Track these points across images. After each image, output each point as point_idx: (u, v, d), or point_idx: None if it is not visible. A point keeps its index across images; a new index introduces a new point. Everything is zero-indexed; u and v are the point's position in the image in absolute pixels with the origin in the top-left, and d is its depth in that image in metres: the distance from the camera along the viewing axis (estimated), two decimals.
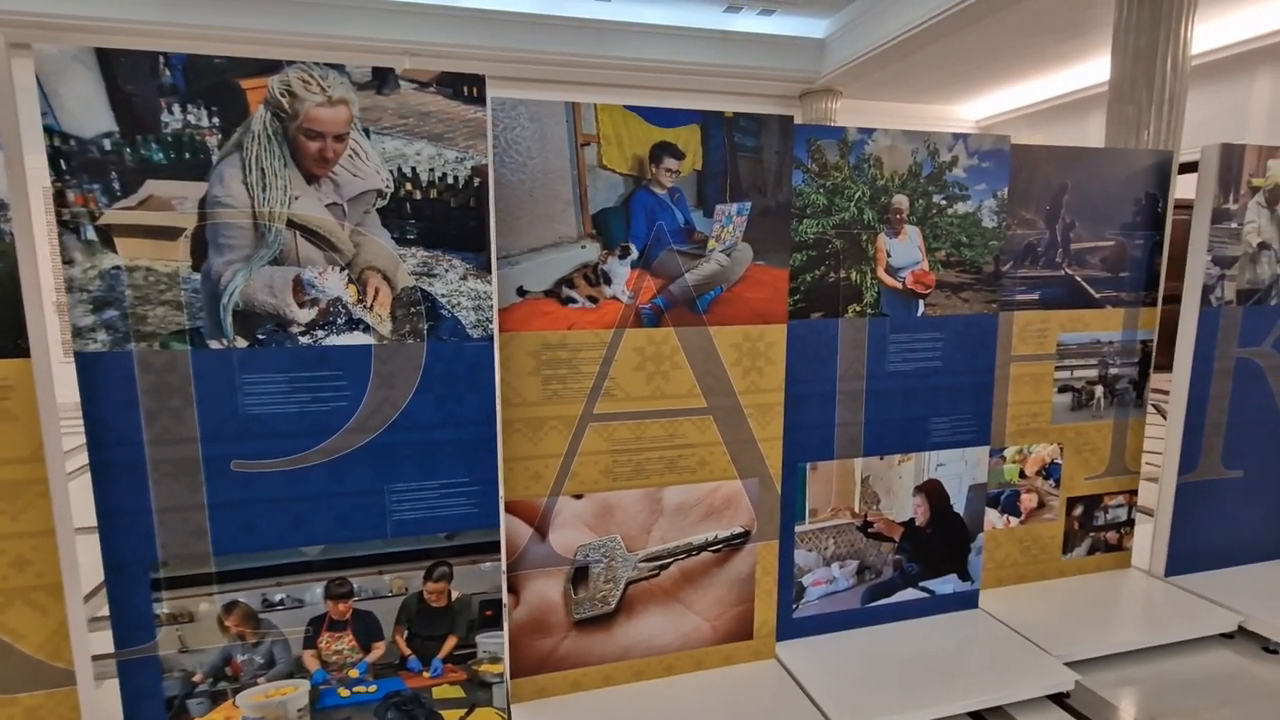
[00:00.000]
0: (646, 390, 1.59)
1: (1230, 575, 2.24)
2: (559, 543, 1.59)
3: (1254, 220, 2.11)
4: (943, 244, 1.86)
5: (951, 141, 1.82)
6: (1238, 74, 5.04)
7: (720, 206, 1.58)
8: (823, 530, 1.88)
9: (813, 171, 1.72)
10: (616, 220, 1.52)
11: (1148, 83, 3.37)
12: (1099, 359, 2.18)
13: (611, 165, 1.50)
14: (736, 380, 1.66)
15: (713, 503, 1.69)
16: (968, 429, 1.96)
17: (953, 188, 1.84)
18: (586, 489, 1.59)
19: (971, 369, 1.93)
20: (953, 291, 1.89)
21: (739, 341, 1.65)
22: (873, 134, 1.75)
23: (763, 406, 1.69)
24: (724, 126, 1.56)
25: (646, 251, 1.55)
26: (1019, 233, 2.03)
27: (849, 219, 1.76)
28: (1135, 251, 2.15)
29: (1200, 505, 2.23)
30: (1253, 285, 2.15)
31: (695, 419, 1.64)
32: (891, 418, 1.88)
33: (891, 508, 1.93)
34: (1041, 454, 2.17)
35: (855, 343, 1.82)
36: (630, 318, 1.56)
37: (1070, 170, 2.05)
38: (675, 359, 1.60)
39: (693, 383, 1.62)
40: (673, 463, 1.64)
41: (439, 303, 1.29)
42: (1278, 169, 2.11)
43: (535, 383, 1.51)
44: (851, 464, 1.87)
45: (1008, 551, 2.18)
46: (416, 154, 1.24)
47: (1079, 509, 2.25)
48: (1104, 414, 2.22)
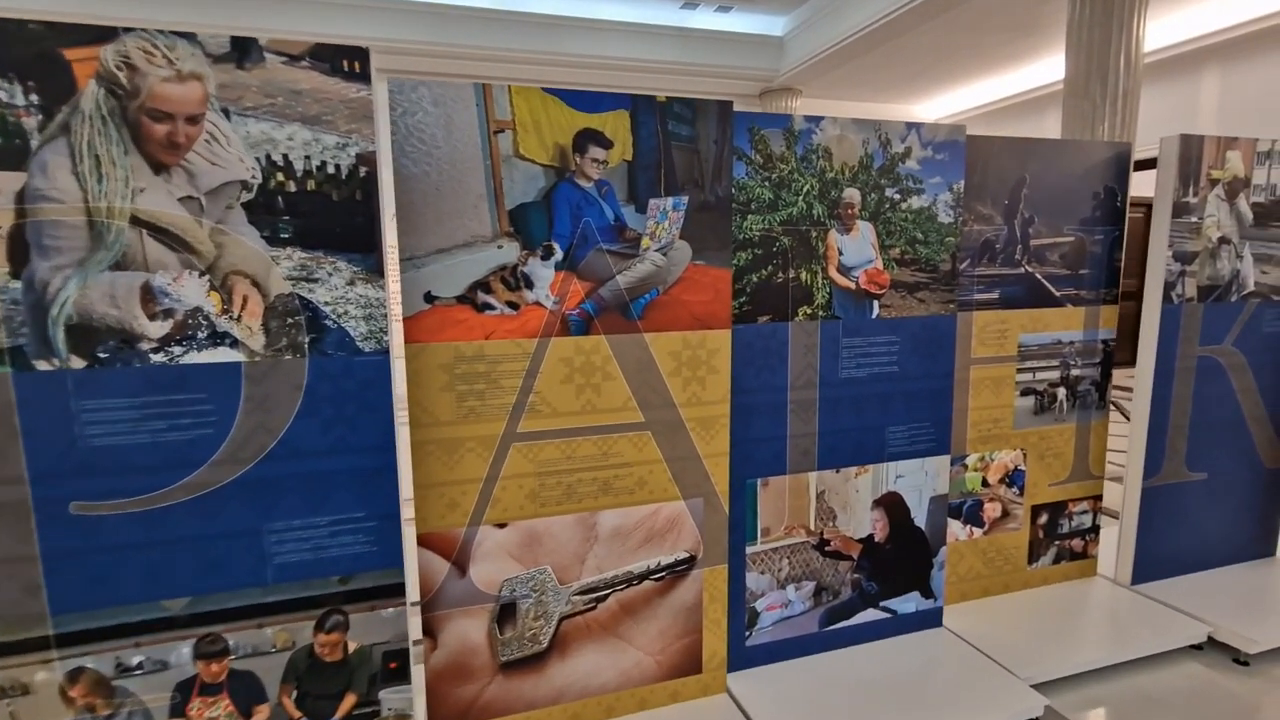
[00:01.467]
0: (576, 405, 1.44)
1: (1197, 581, 2.17)
2: (481, 577, 1.42)
3: (1213, 214, 2.04)
4: (897, 241, 1.74)
5: (904, 131, 1.71)
6: (1186, 72, 5.09)
7: (654, 201, 1.44)
8: (776, 551, 1.74)
9: (756, 163, 1.58)
10: (537, 217, 1.36)
11: (1102, 78, 3.34)
12: (1061, 360, 2.09)
13: (530, 155, 1.34)
14: (676, 392, 1.51)
15: (653, 526, 1.54)
16: (927, 437, 1.84)
17: (906, 181, 1.72)
18: (511, 516, 1.43)
19: (930, 373, 1.82)
20: (908, 291, 1.77)
21: (678, 349, 1.50)
22: (820, 123, 1.62)
23: (706, 419, 1.55)
24: (656, 113, 1.42)
25: (572, 251, 1.39)
26: (976, 229, 1.93)
27: (797, 215, 1.63)
28: (1095, 248, 2.07)
29: (1165, 510, 2.16)
30: (1213, 281, 2.08)
31: (632, 435, 1.49)
32: (847, 427, 1.76)
33: (849, 524, 1.80)
34: (1004, 461, 2.07)
35: (806, 348, 1.69)
36: (556, 325, 1.40)
37: (1028, 162, 1.95)
38: (607, 370, 1.45)
39: (628, 395, 1.47)
40: (608, 484, 1.49)
41: (322, 312, 1.11)
42: (1237, 161, 2.05)
43: (449, 400, 1.34)
44: (805, 478, 1.74)
45: (971, 564, 2.08)
46: (289, 139, 1.06)
47: (1043, 517, 2.15)
48: (1066, 417, 2.13)
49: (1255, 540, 2.33)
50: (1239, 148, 2.04)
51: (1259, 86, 4.62)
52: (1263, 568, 2.28)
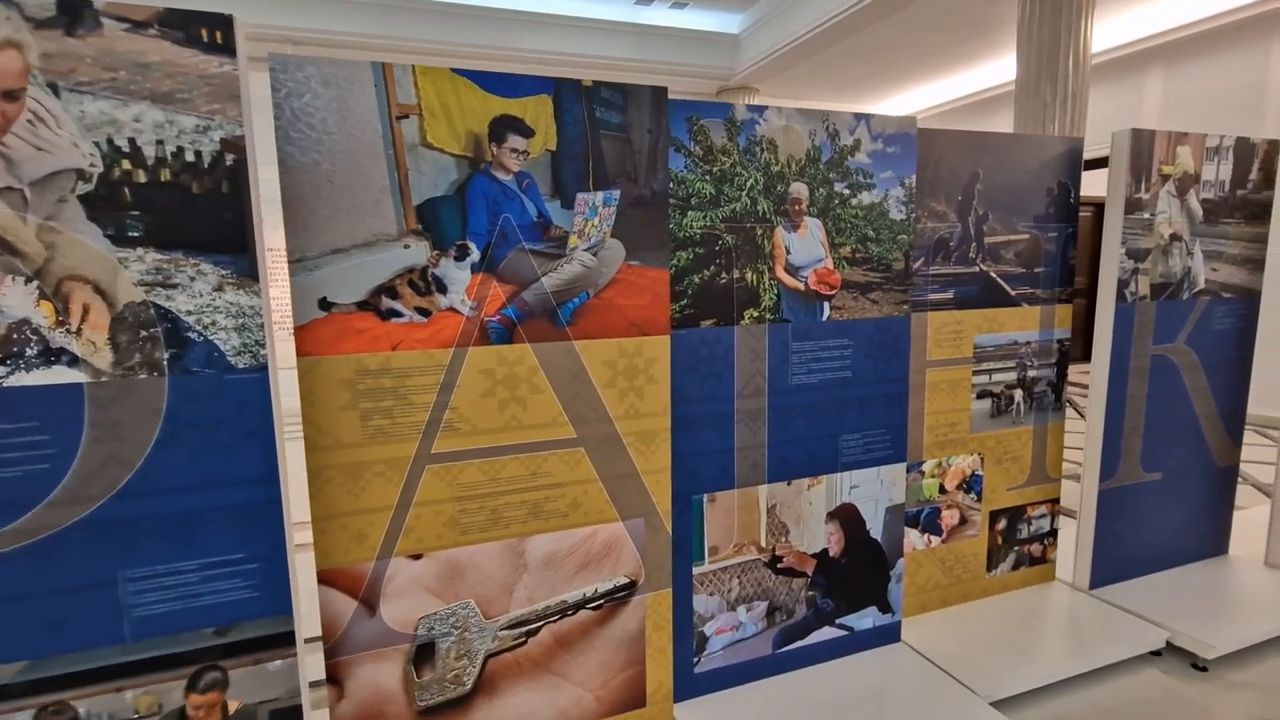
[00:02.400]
0: (499, 421, 1.30)
1: (1155, 583, 2.14)
2: (394, 616, 1.27)
3: (1165, 211, 2.01)
4: (847, 239, 1.64)
5: (853, 123, 1.61)
6: (1131, 73, 5.18)
7: (582, 196, 1.31)
8: (725, 570, 1.63)
9: (696, 156, 1.47)
10: (449, 213, 1.22)
11: (1051, 76, 3.33)
12: (1017, 361, 2.03)
13: (439, 144, 1.20)
14: (612, 404, 1.39)
15: (589, 551, 1.41)
16: (882, 445, 1.75)
17: (856, 175, 1.63)
18: (427, 547, 1.28)
19: (884, 378, 1.73)
20: (860, 292, 1.68)
21: (613, 358, 1.38)
22: (764, 113, 1.52)
23: (645, 433, 1.43)
24: (582, 98, 1.29)
25: (490, 251, 1.25)
26: (929, 226, 1.85)
27: (741, 211, 1.52)
28: (1049, 245, 2.02)
29: (1122, 513, 2.12)
30: (1165, 279, 2.05)
31: (563, 453, 1.36)
32: (798, 437, 1.65)
33: (802, 538, 1.70)
34: (962, 466, 2.00)
35: (754, 353, 1.58)
36: (474, 333, 1.26)
37: (980, 157, 1.88)
38: (534, 381, 1.31)
39: (558, 409, 1.34)
40: (537, 507, 1.36)
41: (184, 323, 0.96)
42: (1187, 156, 2.01)
43: (352, 419, 1.19)
44: (755, 492, 1.63)
45: (930, 574, 2.00)
46: (135, 121, 0.90)
47: (1002, 522, 2.09)
48: (1023, 419, 2.07)
49: (1209, 539, 2.31)
50: (1189, 143, 2.01)
51: (1201, 87, 4.72)
52: (1217, 566, 2.26)
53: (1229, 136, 2.07)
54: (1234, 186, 2.10)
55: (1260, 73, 4.38)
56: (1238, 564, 2.28)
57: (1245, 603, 2.02)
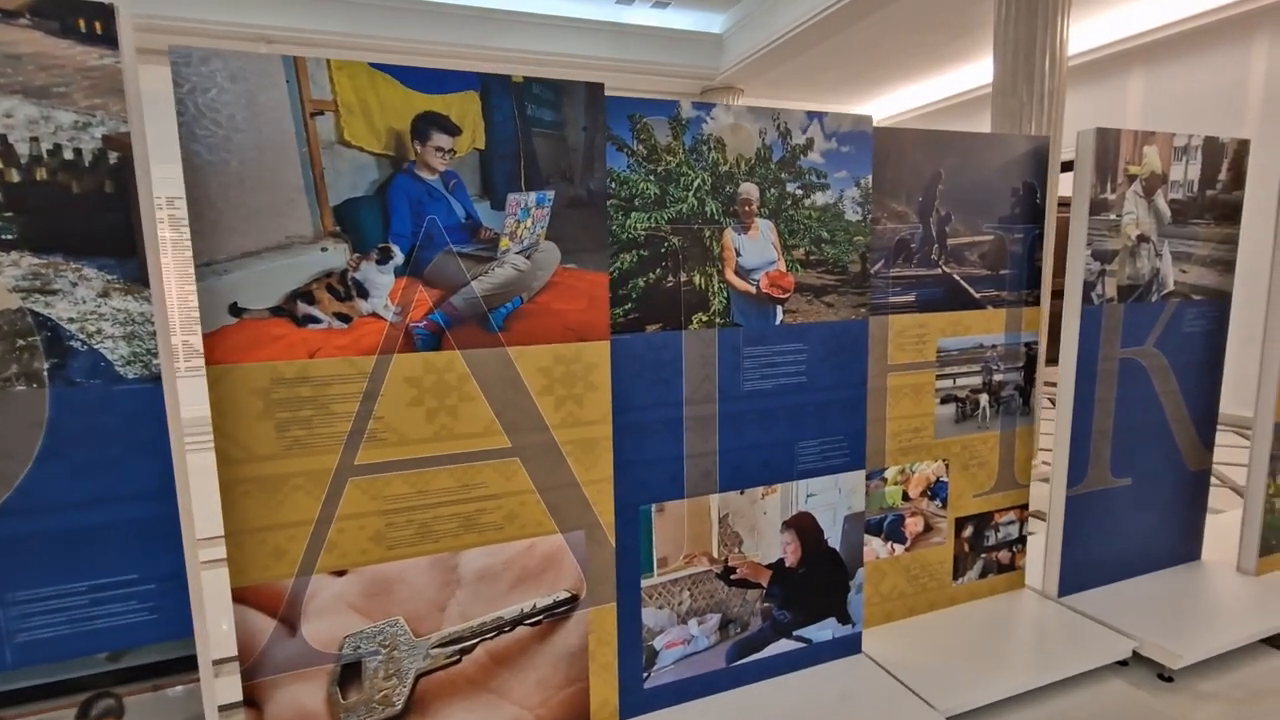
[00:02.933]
0: (428, 431, 1.25)
1: (1124, 591, 2.10)
2: (316, 635, 1.22)
3: (1132, 211, 1.97)
4: (801, 240, 1.60)
5: (805, 121, 1.57)
6: (1113, 74, 5.16)
7: (514, 196, 1.26)
8: (675, 582, 1.58)
9: (640, 155, 1.42)
10: (370, 214, 1.17)
11: (1028, 76, 3.30)
12: (983, 365, 1.99)
13: (358, 142, 1.15)
14: (549, 412, 1.34)
15: (527, 565, 1.36)
16: (840, 452, 1.71)
17: (809, 175, 1.58)
18: (351, 562, 1.23)
19: (842, 383, 1.68)
20: (815, 295, 1.63)
21: (549, 364, 1.32)
22: (711, 110, 1.47)
23: (585, 442, 1.38)
24: (511, 94, 1.24)
25: (415, 254, 1.20)
26: (889, 227, 1.80)
27: (688, 212, 1.48)
28: (1015, 247, 1.97)
29: (1090, 518, 2.08)
30: (1133, 281, 2.01)
31: (497, 463, 1.31)
32: (751, 444, 1.61)
33: (756, 549, 1.65)
34: (926, 472, 1.96)
35: (703, 359, 1.53)
36: (399, 340, 1.21)
37: (943, 157, 1.84)
38: (465, 389, 1.26)
39: (491, 418, 1.29)
40: (470, 520, 1.30)
41: (65, 331, 0.90)
42: (1154, 156, 1.97)
43: (267, 430, 1.14)
44: (706, 502, 1.58)
45: (894, 583, 1.95)
46: (6, 116, 0.85)
47: (968, 529, 2.05)
48: (990, 424, 2.03)
49: (1181, 544, 2.27)
50: (1156, 142, 1.97)
51: (1182, 87, 4.70)
52: (1188, 573, 2.22)
53: (1197, 136, 2.03)
54: (1203, 187, 2.07)
55: (1241, 72, 4.36)
56: (1210, 570, 2.24)
57: (1215, 610, 1.98)
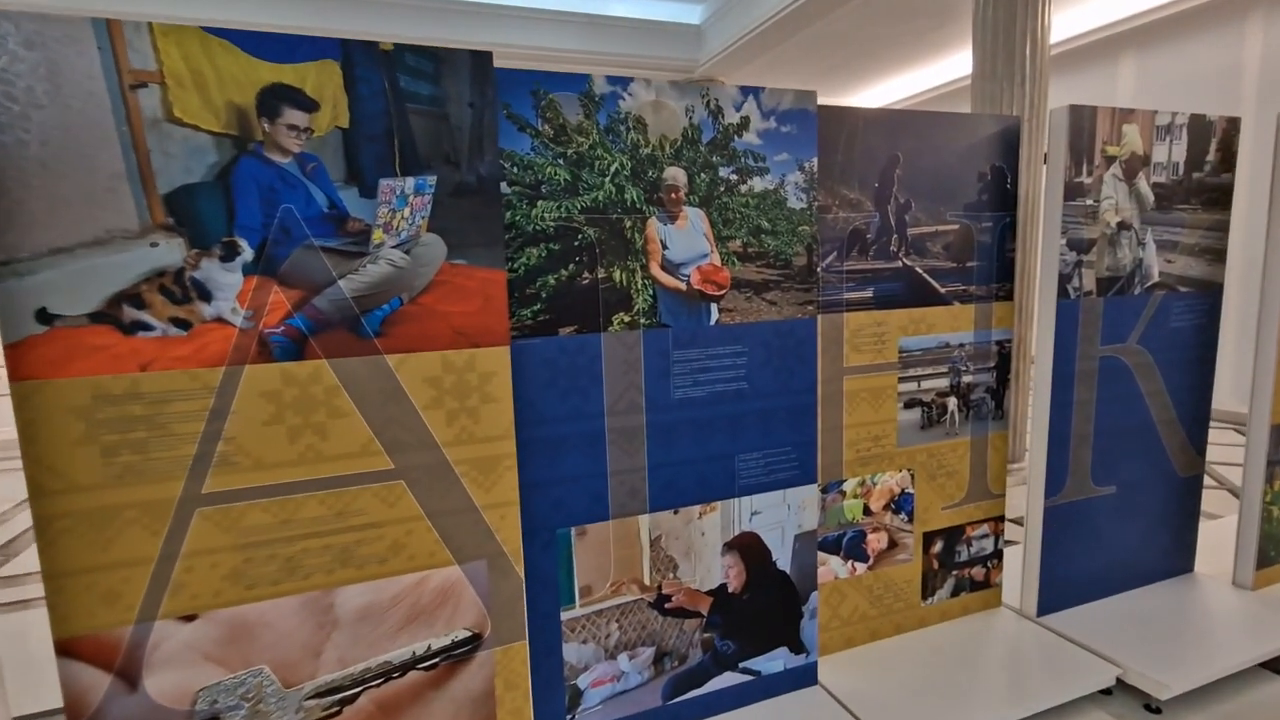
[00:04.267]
0: (291, 452, 1.09)
1: (1109, 609, 1.93)
2: (163, 689, 1.06)
3: (1111, 196, 1.80)
4: (737, 231, 1.44)
5: (739, 97, 1.41)
6: (1103, 60, 4.99)
7: (387, 182, 1.10)
8: (601, 614, 1.42)
9: (546, 136, 1.26)
10: (210, 203, 1.01)
11: (1009, 58, 3.13)
12: (950, 366, 1.83)
13: (191, 119, 0.99)
14: (439, 428, 1.18)
15: (418, 601, 1.20)
16: (787, 465, 1.55)
17: (745, 158, 1.42)
18: (203, 605, 1.07)
19: (787, 389, 1.52)
20: (755, 292, 1.47)
21: (437, 374, 1.16)
22: (628, 85, 1.31)
23: (483, 461, 1.22)
24: (380, 65, 1.08)
25: (267, 249, 1.04)
26: (842, 216, 1.64)
27: (604, 200, 1.31)
28: (983, 236, 1.81)
29: (1071, 531, 1.91)
30: (1113, 272, 1.84)
31: (378, 487, 1.15)
32: (685, 459, 1.44)
33: (694, 573, 1.49)
34: (889, 484, 1.79)
35: (626, 364, 1.37)
36: (252, 349, 1.05)
37: (900, 139, 1.68)
38: (335, 404, 1.10)
39: (368, 436, 1.13)
40: (347, 552, 1.14)
41: None
42: (1134, 135, 1.81)
43: (90, 456, 0.98)
44: (634, 523, 1.42)
45: (856, 604, 1.79)
46: None
47: (938, 544, 1.88)
48: (959, 430, 1.86)
49: (1171, 556, 2.11)
50: (1136, 121, 1.81)
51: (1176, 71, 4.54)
52: (1180, 587, 2.06)
53: (1181, 114, 1.87)
54: (1189, 169, 1.90)
55: (1235, 54, 4.19)
56: (1203, 584, 2.07)
57: (1207, 631, 1.81)
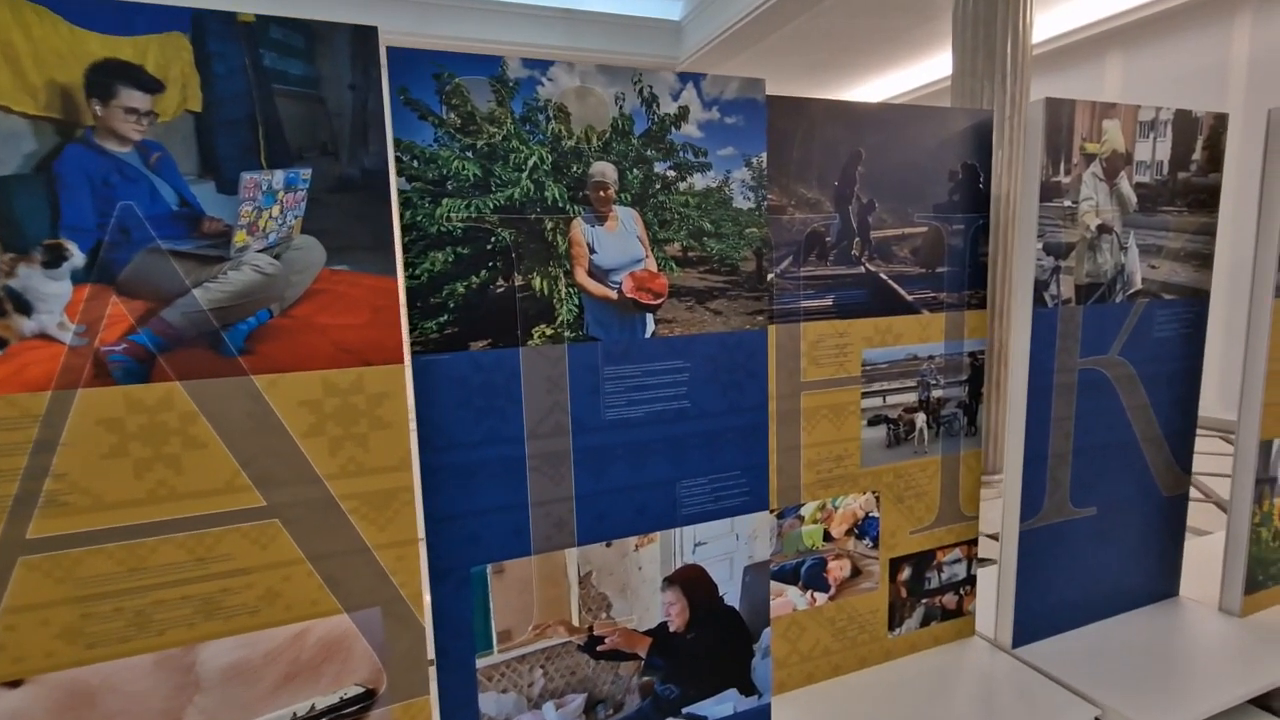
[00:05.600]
0: (139, 490, 0.94)
1: (1088, 638, 1.81)
2: None
3: (1091, 197, 1.68)
4: (676, 233, 1.29)
5: (676, 85, 1.26)
6: (1089, 58, 4.89)
7: (251, 176, 0.95)
8: (524, 659, 1.27)
9: (451, 125, 1.11)
10: (27, 200, 0.86)
11: (989, 53, 3.01)
12: (918, 379, 1.69)
13: (1, 100, 0.83)
14: (320, 459, 1.03)
15: (299, 656, 1.05)
16: (736, 491, 1.41)
17: (683, 152, 1.28)
18: (31, 668, 0.92)
19: (735, 407, 1.38)
20: (697, 301, 1.33)
21: (317, 397, 1.02)
22: (547, 69, 1.16)
23: (376, 495, 1.07)
24: (239, 39, 0.93)
25: (102, 253, 0.89)
26: (798, 218, 1.50)
27: (521, 198, 1.17)
28: (954, 240, 1.68)
29: (1049, 556, 1.78)
30: (1093, 278, 1.71)
31: (247, 528, 1.00)
32: (618, 486, 1.30)
33: (630, 612, 1.35)
34: (852, 507, 1.66)
35: (550, 382, 1.23)
36: (86, 370, 0.90)
37: (862, 134, 1.54)
38: (192, 433, 0.95)
39: (234, 469, 0.98)
40: (211, 603, 0.99)
41: None
42: (1116, 132, 1.68)
43: None
44: (561, 558, 1.28)
45: (816, 638, 1.66)
46: None
47: (906, 571, 1.75)
48: (929, 448, 1.73)
49: (1155, 580, 1.99)
50: (1118, 116, 1.68)
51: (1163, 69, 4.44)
52: (1165, 613, 1.94)
53: (1166, 109, 1.74)
54: (1174, 168, 1.78)
55: (1222, 52, 4.09)
56: (1188, 610, 1.95)
57: (1192, 664, 1.69)
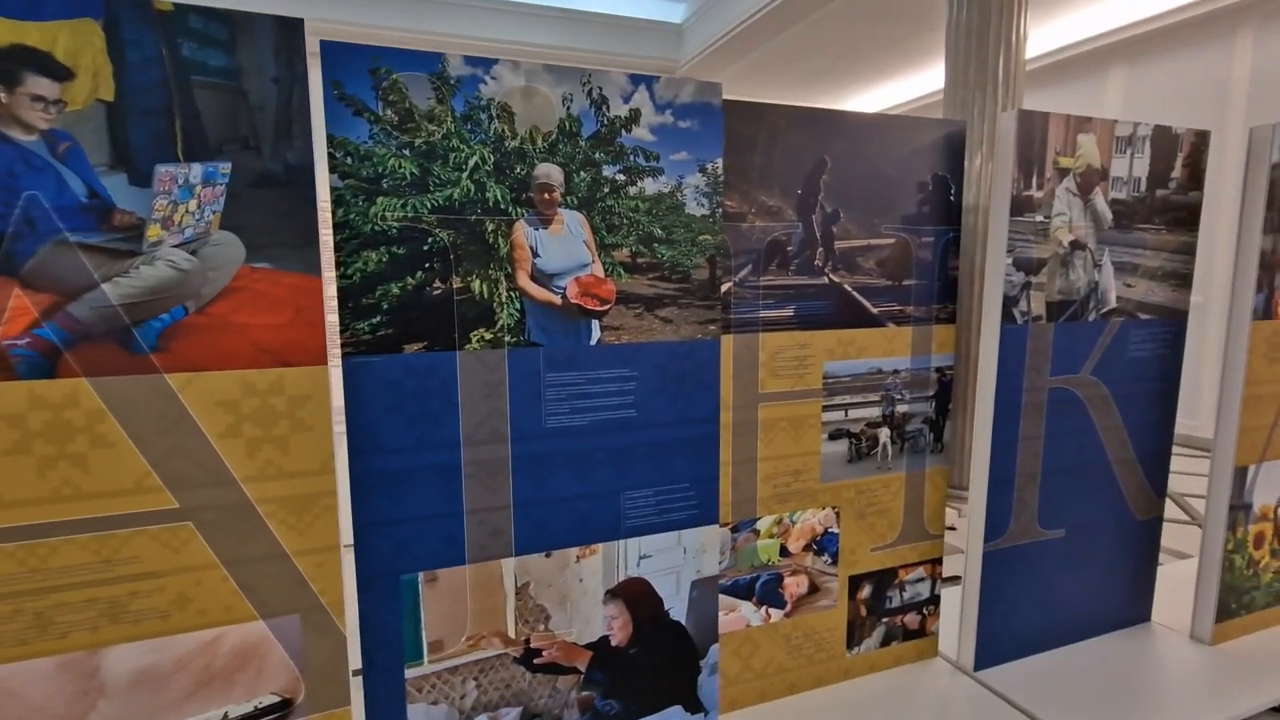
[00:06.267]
0: (41, 489, 0.91)
1: (1054, 663, 1.76)
2: None
3: (1064, 212, 1.64)
4: (624, 239, 1.26)
5: (628, 87, 1.23)
6: (1091, 72, 4.84)
7: (167, 169, 0.92)
8: (455, 670, 1.24)
9: (388, 122, 1.08)
10: None
11: (981, 63, 2.97)
12: (883, 393, 1.66)
13: None
14: (237, 461, 1.00)
15: (211, 664, 1.02)
16: (684, 503, 1.37)
17: (634, 156, 1.25)
18: None
19: (684, 418, 1.35)
20: (646, 308, 1.30)
21: (235, 397, 0.99)
22: (491, 67, 1.14)
23: (296, 500, 1.04)
24: (155, 28, 0.90)
25: (4, 245, 0.87)
26: (758, 225, 1.47)
27: (461, 198, 1.14)
28: (923, 252, 1.64)
29: (1014, 577, 1.74)
30: (1065, 296, 1.67)
31: (158, 530, 0.97)
32: (559, 496, 1.27)
33: (570, 624, 1.32)
34: (810, 523, 1.62)
35: (488, 387, 1.20)
36: None
37: (828, 141, 1.51)
38: (99, 431, 0.93)
39: (144, 470, 0.95)
40: (117, 606, 0.97)
41: None
42: (1091, 146, 1.64)
43: None
44: (497, 568, 1.25)
45: (770, 655, 1.62)
46: None
47: (865, 589, 1.71)
48: (892, 464, 1.69)
49: (1126, 605, 1.94)
50: (1093, 130, 1.64)
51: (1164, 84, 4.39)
52: (1134, 639, 1.89)
53: (1145, 124, 1.70)
54: (1152, 185, 1.74)
55: (1224, 68, 4.03)
56: (1159, 637, 1.90)
57: (1160, 693, 1.64)
